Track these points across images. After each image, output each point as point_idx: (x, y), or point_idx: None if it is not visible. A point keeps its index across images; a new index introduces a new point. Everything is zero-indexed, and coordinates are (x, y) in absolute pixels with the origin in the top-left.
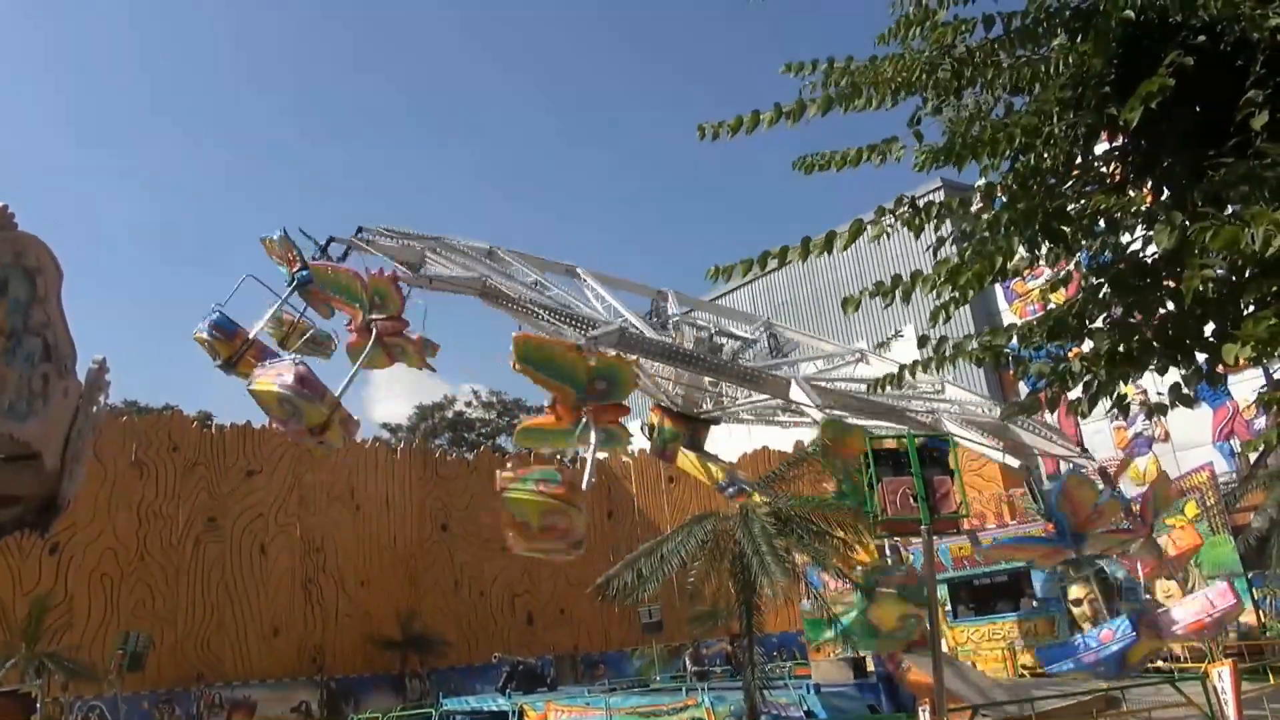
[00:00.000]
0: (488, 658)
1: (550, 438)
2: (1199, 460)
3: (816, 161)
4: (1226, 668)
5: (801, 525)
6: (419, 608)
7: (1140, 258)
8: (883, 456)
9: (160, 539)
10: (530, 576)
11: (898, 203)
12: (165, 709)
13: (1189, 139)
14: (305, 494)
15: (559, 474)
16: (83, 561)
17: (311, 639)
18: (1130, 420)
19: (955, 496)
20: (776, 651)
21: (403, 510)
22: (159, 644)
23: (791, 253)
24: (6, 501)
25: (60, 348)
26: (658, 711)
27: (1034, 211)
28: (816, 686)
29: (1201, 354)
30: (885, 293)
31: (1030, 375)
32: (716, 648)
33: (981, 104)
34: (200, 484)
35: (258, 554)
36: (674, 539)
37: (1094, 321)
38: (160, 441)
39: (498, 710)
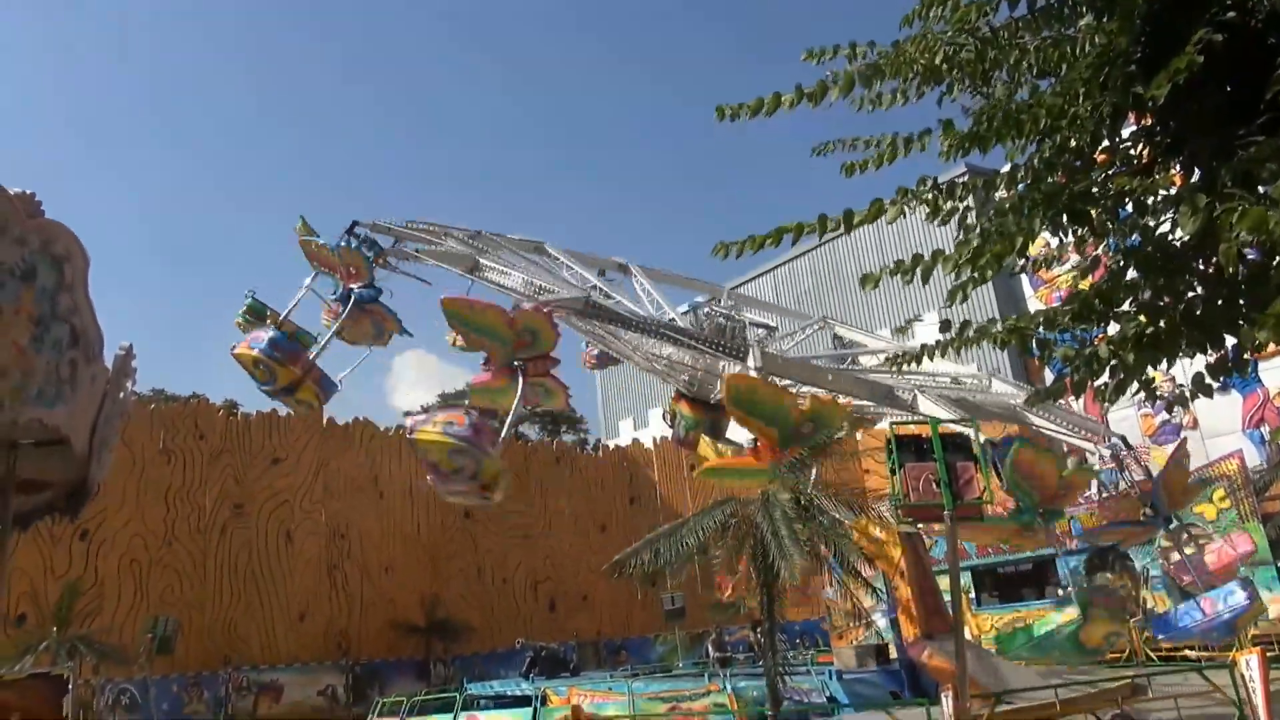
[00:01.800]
0: (511, 644)
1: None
2: (1228, 448)
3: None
4: (1255, 655)
5: (823, 512)
6: (443, 594)
7: (1168, 240)
8: (905, 442)
9: (188, 525)
10: (553, 564)
11: (920, 183)
12: (194, 691)
13: (1217, 118)
14: (329, 481)
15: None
16: (112, 547)
17: (337, 624)
18: (1158, 408)
19: (979, 483)
20: (799, 639)
21: (426, 498)
22: (187, 628)
23: (807, 228)
24: (37, 486)
25: (88, 334)
26: (680, 696)
27: (1058, 193)
28: (839, 673)
29: (1231, 339)
30: (905, 271)
31: (1055, 360)
32: (739, 635)
33: (1008, 88)
34: (227, 471)
35: (283, 540)
36: (693, 521)
37: (1120, 305)
38: (187, 429)
39: (521, 695)
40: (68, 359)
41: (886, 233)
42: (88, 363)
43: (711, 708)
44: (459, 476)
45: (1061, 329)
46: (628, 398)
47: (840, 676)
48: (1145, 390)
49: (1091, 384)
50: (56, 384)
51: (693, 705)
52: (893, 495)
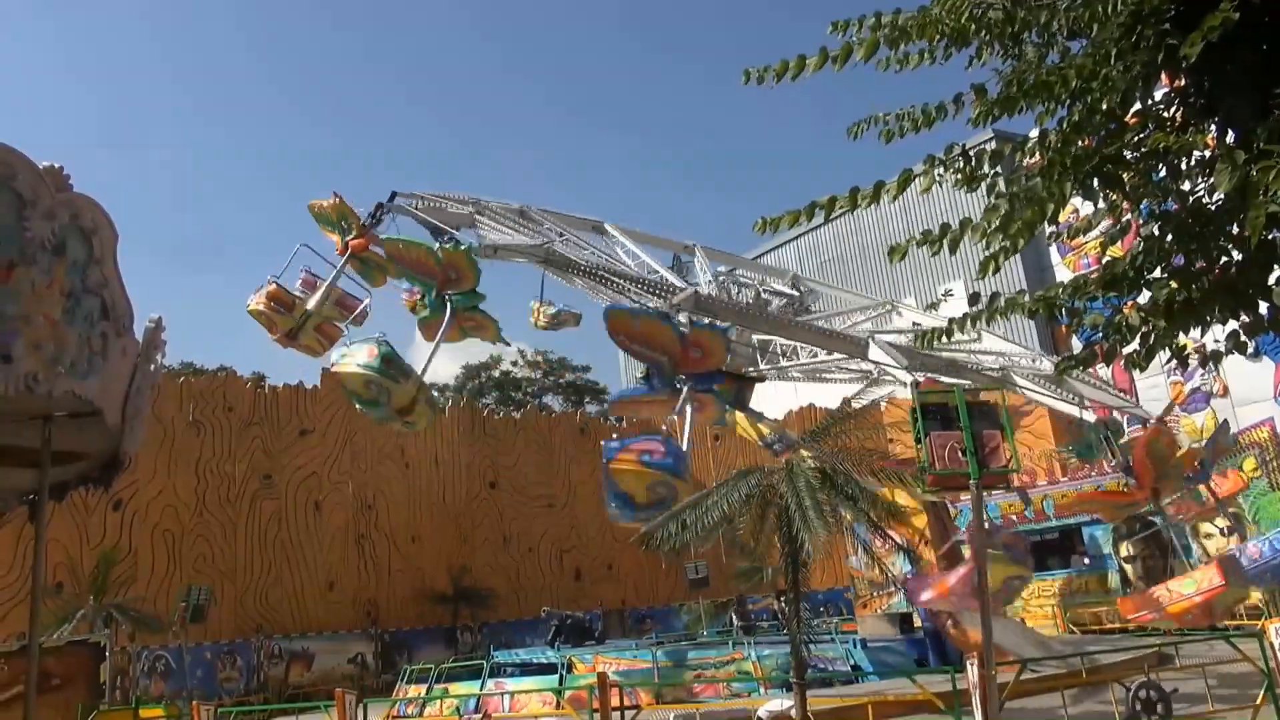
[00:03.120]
0: (537, 612)
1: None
2: (1259, 416)
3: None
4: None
5: (848, 481)
6: (469, 563)
7: (1202, 204)
8: (931, 410)
9: (218, 496)
10: (578, 533)
11: (948, 151)
12: (227, 659)
13: (1253, 77)
14: (357, 452)
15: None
16: (145, 517)
17: (365, 593)
18: (1187, 375)
19: (1005, 451)
20: (823, 607)
21: (452, 468)
22: (219, 597)
23: (840, 202)
24: (71, 458)
25: (118, 307)
26: (705, 664)
27: (1090, 156)
28: (863, 641)
29: (1264, 302)
30: (933, 241)
31: (1085, 327)
32: (763, 603)
33: (1040, 51)
34: (255, 443)
35: (312, 510)
36: (718, 491)
37: (1152, 271)
38: (216, 402)
39: (547, 662)
40: (99, 331)
41: (910, 200)
42: (118, 335)
43: (736, 675)
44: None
45: (1091, 297)
46: None
47: (864, 644)
48: (1176, 357)
49: (1121, 352)
50: (88, 356)
51: (717, 673)
52: (919, 464)
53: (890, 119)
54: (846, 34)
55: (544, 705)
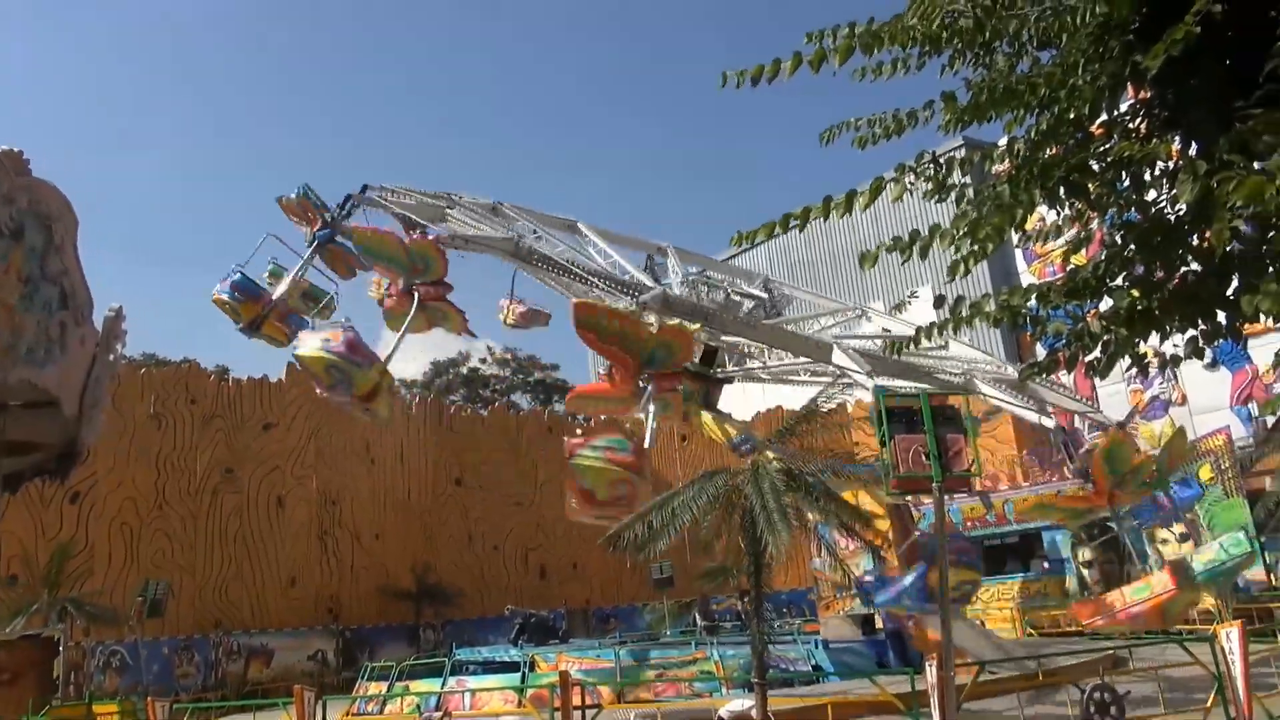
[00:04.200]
0: (501, 610)
1: (604, 403)
2: (1216, 424)
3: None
4: (1235, 628)
5: (813, 483)
6: (433, 560)
7: (1164, 214)
8: (896, 413)
9: (179, 490)
10: (544, 532)
11: (919, 158)
12: (184, 655)
13: (1216, 91)
14: (321, 448)
15: (628, 442)
16: (103, 510)
17: (328, 590)
18: (1147, 383)
19: (968, 455)
20: (786, 608)
21: (417, 465)
22: (178, 592)
23: (814, 212)
24: (27, 448)
25: (77, 296)
26: (667, 664)
27: (1056, 164)
28: (825, 642)
29: (1223, 313)
30: (903, 248)
31: (1048, 335)
32: (726, 604)
33: (1010, 60)
34: (218, 436)
35: (275, 506)
36: (685, 493)
37: (1114, 280)
38: (178, 394)
39: (510, 661)
40: (57, 320)
41: (881, 205)
42: (77, 324)
43: (698, 675)
44: (338, 389)
45: (1054, 305)
46: None
47: (826, 645)
48: (1137, 364)
49: (1083, 359)
50: (46, 345)
51: (679, 672)
52: (883, 467)
53: (863, 124)
54: (822, 42)
55: (505, 704)
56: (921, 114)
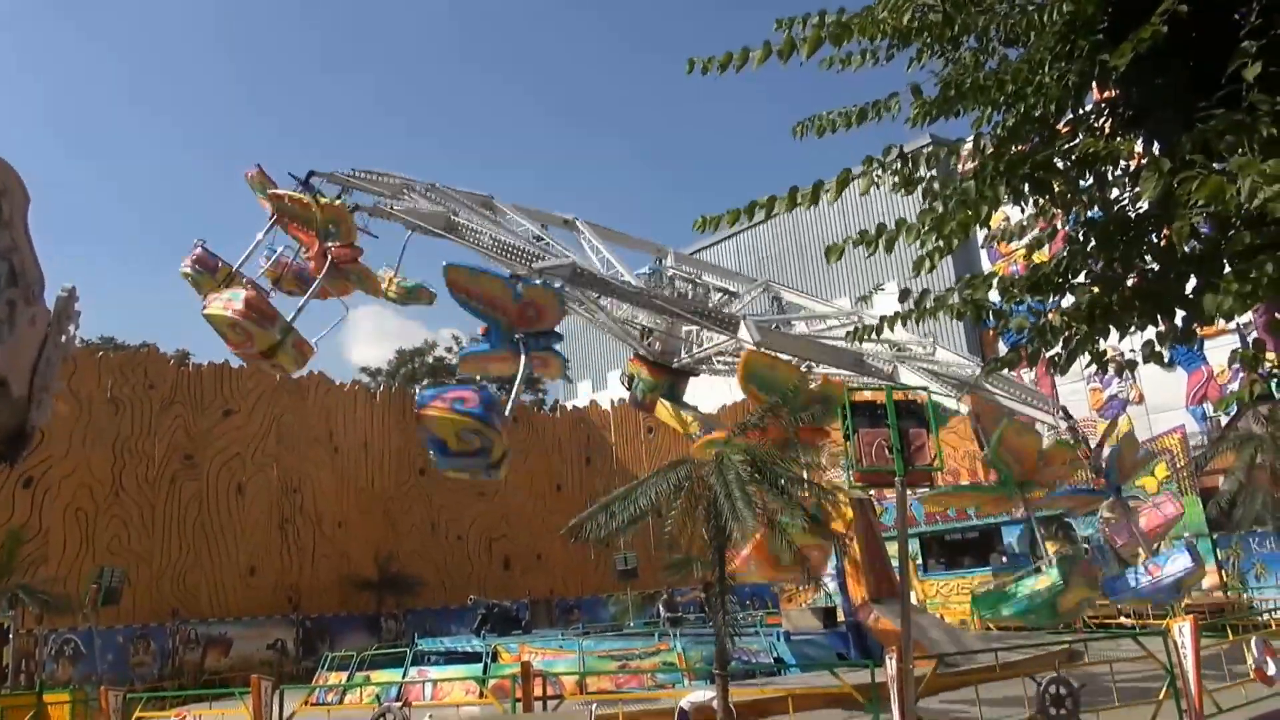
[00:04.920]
0: (464, 600)
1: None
2: (1172, 423)
3: (818, 124)
4: (1187, 623)
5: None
6: (396, 550)
7: (1125, 213)
8: (860, 407)
9: (136, 476)
10: (508, 522)
11: (886, 152)
12: (140, 644)
13: (1180, 91)
14: (283, 435)
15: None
16: (58, 496)
17: (288, 578)
18: (1105, 382)
19: (930, 449)
20: (750, 600)
21: (381, 453)
22: (134, 580)
23: (779, 204)
24: None
25: (27, 274)
26: (630, 655)
27: (1022, 161)
28: (787, 634)
29: (1182, 311)
30: (869, 242)
31: (1010, 330)
32: (690, 595)
33: (977, 56)
34: (177, 422)
35: (235, 493)
36: (648, 482)
37: (1075, 276)
38: (136, 378)
39: (472, 651)
40: (5, 299)
41: (848, 201)
42: (27, 304)
43: (660, 666)
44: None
45: (1017, 299)
46: (586, 360)
47: (788, 637)
48: (1096, 361)
49: (1044, 355)
50: None
51: (642, 664)
52: (846, 460)
53: (833, 116)
54: (792, 30)
55: (467, 694)
56: (887, 106)
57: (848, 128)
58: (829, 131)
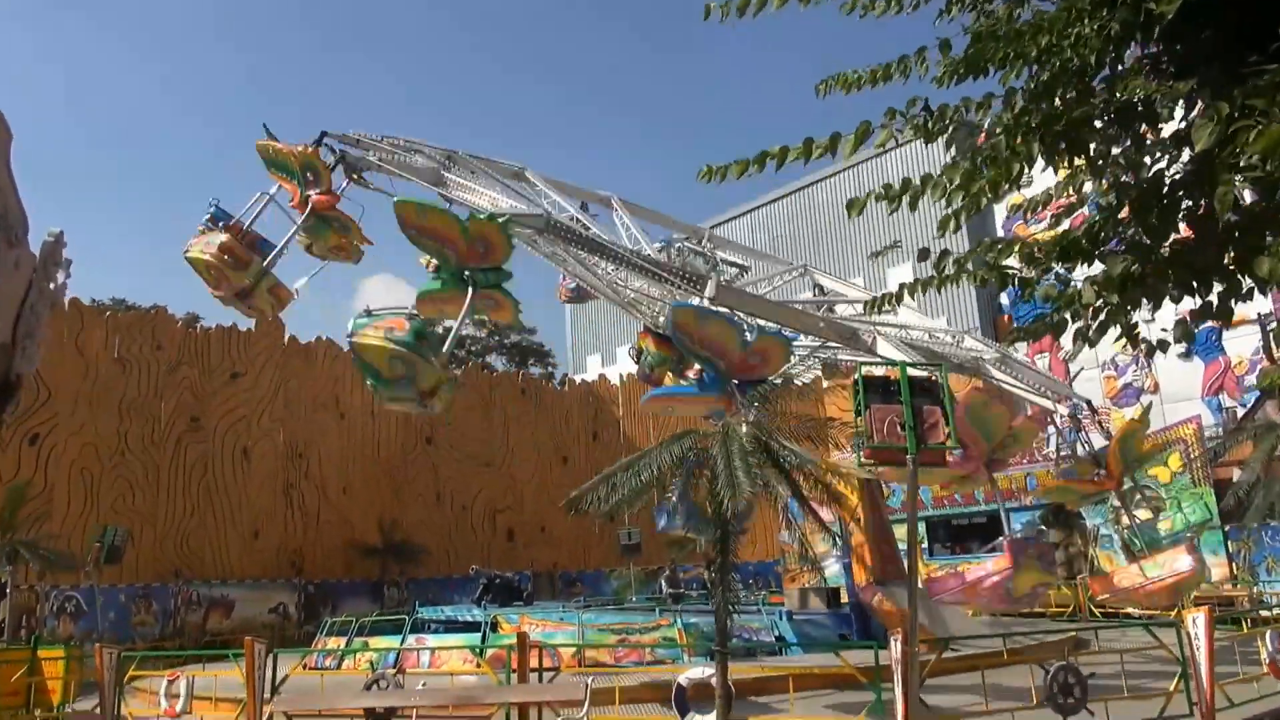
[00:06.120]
0: (466, 570)
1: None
2: (1187, 413)
3: (843, 80)
4: (1202, 614)
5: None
6: (400, 518)
7: (1161, 177)
8: (873, 383)
9: (142, 436)
10: (513, 494)
11: (911, 104)
12: (142, 603)
13: (1230, 43)
14: (290, 399)
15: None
16: (63, 454)
17: (292, 542)
18: (1121, 370)
19: (944, 428)
20: (753, 579)
21: (387, 421)
22: (138, 539)
23: (794, 152)
24: None
25: (9, 215)
26: (630, 629)
27: (1057, 117)
28: (789, 613)
29: (1219, 284)
30: (892, 197)
31: (1036, 298)
32: (693, 572)
33: (1011, 9)
34: (184, 384)
35: (240, 456)
36: (651, 454)
37: (1108, 244)
38: (144, 339)
39: (472, 621)
40: None
41: (865, 182)
42: (10, 246)
43: (660, 641)
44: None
45: (1044, 266)
46: (596, 334)
47: (790, 617)
48: (1127, 334)
49: (1072, 325)
50: None
51: (642, 638)
52: (857, 436)
53: (859, 74)
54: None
55: (464, 663)
56: (914, 62)
57: (873, 85)
58: (855, 89)
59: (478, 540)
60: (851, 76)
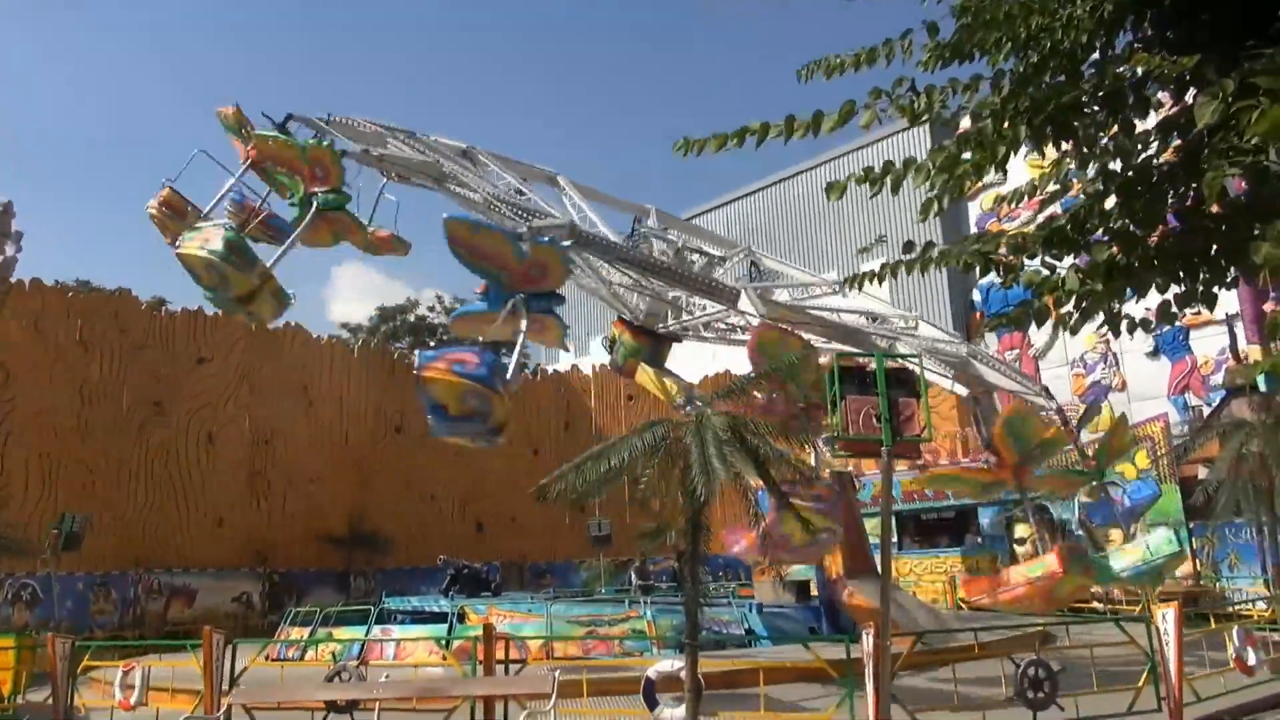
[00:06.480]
0: (435, 561)
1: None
2: (1154, 411)
3: (826, 64)
4: (1172, 610)
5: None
6: (368, 507)
7: (1149, 165)
8: (849, 374)
9: (103, 421)
10: (483, 484)
11: (897, 84)
12: (101, 591)
13: (1225, 28)
14: (257, 386)
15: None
16: (21, 438)
17: (257, 531)
18: (1089, 368)
19: (920, 420)
20: (723, 572)
21: (357, 409)
22: (98, 526)
23: (774, 130)
24: None
25: None
26: (599, 621)
27: (1046, 100)
28: (759, 606)
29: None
30: (873, 180)
31: (1019, 284)
32: (664, 564)
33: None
34: (148, 368)
35: (205, 443)
36: (622, 442)
37: (1094, 232)
38: (107, 322)
39: (439, 611)
40: None
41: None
42: None
43: (629, 634)
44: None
45: (1029, 254)
46: (570, 324)
47: (760, 609)
48: (1110, 323)
49: (1055, 312)
50: None
51: (610, 630)
52: (832, 427)
53: (841, 58)
54: None
55: (430, 655)
56: (899, 47)
57: (856, 69)
58: (838, 73)
59: (447, 530)
60: (834, 61)
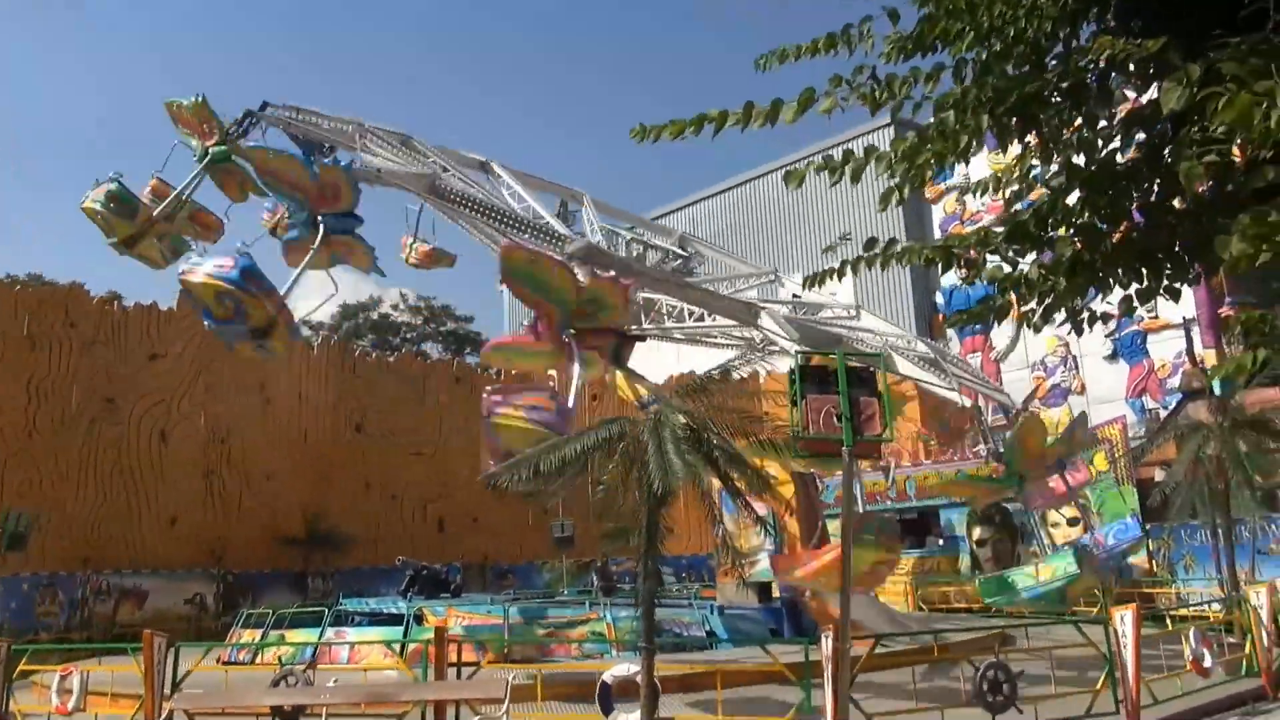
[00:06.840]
0: (394, 561)
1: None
2: (1112, 414)
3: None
4: (1129, 612)
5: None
6: (327, 507)
7: (1113, 159)
8: (809, 372)
9: (51, 417)
10: (444, 484)
11: (857, 72)
12: (47, 592)
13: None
14: (212, 383)
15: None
16: None
17: (212, 531)
18: (1049, 370)
19: (881, 420)
20: (685, 573)
21: (316, 407)
22: (45, 526)
23: (732, 118)
24: None
25: None
26: (559, 623)
27: (1010, 89)
28: (720, 608)
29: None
30: (834, 168)
31: (982, 280)
32: (626, 565)
33: None
34: (99, 363)
35: (157, 440)
36: (578, 435)
37: (1057, 228)
38: (56, 316)
39: (397, 613)
40: None
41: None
42: None
43: (589, 636)
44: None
45: (992, 250)
46: None
47: (721, 611)
48: (1072, 320)
49: (1017, 310)
50: None
51: (570, 633)
52: (792, 427)
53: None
54: None
55: (385, 657)
56: (858, 36)
57: (813, 55)
58: (793, 60)
59: (408, 530)
60: (791, 49)
